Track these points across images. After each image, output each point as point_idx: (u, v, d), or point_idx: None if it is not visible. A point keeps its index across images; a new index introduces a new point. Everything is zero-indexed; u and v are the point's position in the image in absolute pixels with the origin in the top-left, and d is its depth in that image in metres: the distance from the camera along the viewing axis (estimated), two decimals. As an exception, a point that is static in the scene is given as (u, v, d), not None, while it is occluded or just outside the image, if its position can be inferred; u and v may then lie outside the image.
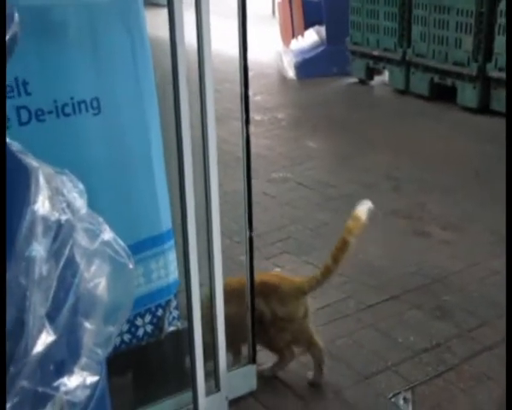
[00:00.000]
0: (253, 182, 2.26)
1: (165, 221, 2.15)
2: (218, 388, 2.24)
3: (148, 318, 2.16)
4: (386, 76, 6.97)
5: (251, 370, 2.37)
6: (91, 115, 1.93)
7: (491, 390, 2.39)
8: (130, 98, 1.99)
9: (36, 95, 1.82)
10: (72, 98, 1.89)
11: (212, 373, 2.25)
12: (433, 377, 2.47)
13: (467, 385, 2.41)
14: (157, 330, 2.21)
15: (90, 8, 1.89)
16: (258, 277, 2.33)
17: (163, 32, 1.97)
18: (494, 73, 5.54)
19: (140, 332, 2.16)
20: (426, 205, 4.05)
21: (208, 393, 2.21)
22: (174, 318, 2.24)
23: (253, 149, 2.24)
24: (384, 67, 6.87)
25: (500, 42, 5.46)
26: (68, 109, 1.89)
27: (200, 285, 2.08)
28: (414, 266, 3.31)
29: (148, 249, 2.08)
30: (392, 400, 2.37)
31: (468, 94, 5.80)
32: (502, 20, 5.43)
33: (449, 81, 6.01)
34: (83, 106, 1.91)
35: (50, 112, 1.86)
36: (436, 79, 6.15)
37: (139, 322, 2.14)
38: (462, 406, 2.34)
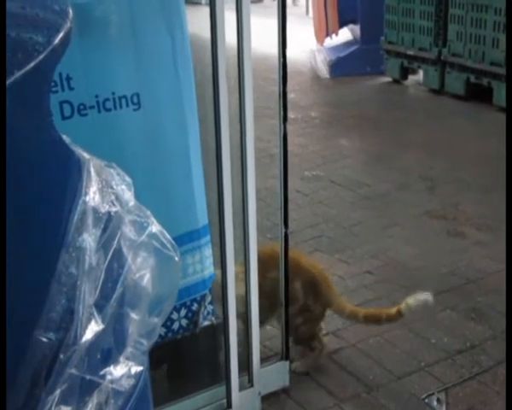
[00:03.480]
0: (287, 179, 2.27)
1: (202, 217, 2.17)
2: (251, 383, 2.26)
3: (183, 312, 2.18)
4: (420, 76, 6.91)
5: (284, 366, 2.38)
6: (132, 111, 1.96)
7: (526, 394, 2.36)
8: (169, 94, 2.01)
9: (78, 90, 1.85)
10: (113, 93, 1.92)
11: (246, 368, 2.26)
12: (467, 378, 2.45)
13: (502, 388, 2.39)
14: (192, 325, 2.23)
15: (132, 4, 1.91)
16: (296, 258, 2.41)
17: (203, 30, 1.99)
18: (531, 74, 5.46)
19: (175, 326, 2.18)
20: (460, 205, 4.02)
21: (241, 388, 2.23)
22: (209, 312, 2.26)
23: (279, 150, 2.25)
24: (419, 67, 6.81)
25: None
26: (109, 104, 1.92)
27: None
28: (448, 267, 3.28)
29: (184, 244, 2.10)
30: (426, 400, 2.36)
31: (505, 94, 5.72)
32: (540, 20, 5.34)
33: (485, 81, 5.94)
34: (123, 101, 1.94)
35: (92, 107, 1.89)
36: (472, 78, 6.08)
37: (174, 316, 2.16)
38: (496, 408, 2.32)
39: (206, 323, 2.26)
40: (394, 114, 6.08)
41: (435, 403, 2.35)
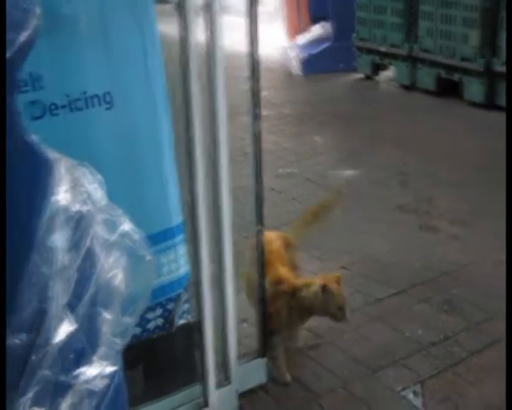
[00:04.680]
0: (260, 177, 2.28)
1: (176, 215, 2.16)
2: (228, 381, 2.26)
3: (158, 311, 2.18)
4: (392, 72, 6.97)
5: (261, 363, 2.38)
6: (104, 110, 1.94)
7: (499, 383, 2.39)
8: (141, 93, 2.00)
9: (49, 89, 1.84)
10: (84, 93, 1.90)
11: (223, 366, 2.26)
12: (442, 370, 2.48)
13: (476, 378, 2.42)
14: (168, 324, 2.22)
15: (102, 3, 1.90)
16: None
17: (172, 28, 1.98)
18: (500, 68, 5.53)
19: (151, 325, 2.17)
20: (433, 200, 4.06)
21: (218, 386, 2.23)
22: (184, 311, 2.25)
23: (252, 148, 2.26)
24: (390, 63, 6.87)
25: (505, 37, 5.45)
26: (81, 104, 1.90)
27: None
28: (422, 261, 3.32)
29: (159, 243, 2.09)
30: (402, 393, 2.38)
31: (475, 89, 5.79)
32: (508, 15, 5.42)
33: (455, 76, 6.01)
34: (95, 100, 1.93)
35: (64, 106, 1.87)
36: (443, 74, 6.14)
37: (150, 315, 2.15)
38: (471, 398, 2.35)
39: (182, 322, 2.26)
40: (367, 110, 6.12)
41: (411, 395, 2.37)
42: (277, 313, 2.38)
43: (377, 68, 7.06)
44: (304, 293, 2.34)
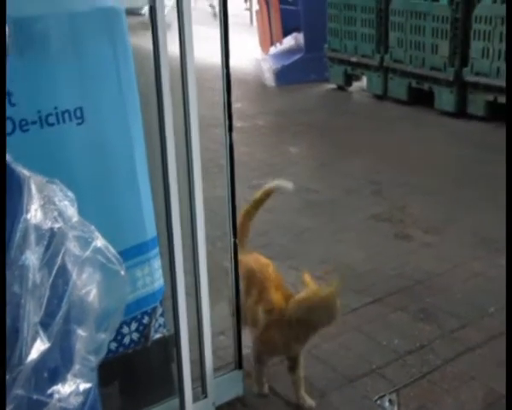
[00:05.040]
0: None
1: (150, 229, 2.15)
2: (205, 394, 2.25)
3: (134, 325, 2.16)
4: (364, 82, 7.04)
5: (238, 375, 2.38)
6: (75, 125, 1.93)
7: (474, 390, 2.42)
8: (113, 107, 1.99)
9: (19, 105, 1.82)
10: (55, 108, 1.89)
11: (199, 379, 2.25)
12: (417, 378, 2.49)
13: (451, 386, 2.44)
14: (143, 338, 2.20)
15: (73, 18, 1.89)
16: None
17: (144, 41, 1.99)
18: (470, 78, 5.63)
19: (126, 340, 2.16)
20: (407, 208, 4.10)
21: (195, 399, 2.22)
22: (160, 325, 2.24)
23: (235, 156, 2.26)
24: (362, 73, 6.94)
25: (476, 47, 5.55)
26: (52, 119, 1.89)
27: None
28: (396, 269, 3.34)
29: (133, 257, 2.08)
30: (378, 402, 2.39)
31: (446, 98, 5.87)
32: (477, 26, 5.51)
33: (426, 86, 6.09)
34: (66, 115, 1.91)
35: (34, 122, 1.86)
36: (414, 83, 6.22)
37: (125, 330, 2.14)
38: (446, 406, 2.36)
39: (158, 336, 2.25)
40: (340, 120, 6.17)
41: (387, 404, 2.38)
42: (271, 340, 2.33)
43: (349, 79, 7.13)
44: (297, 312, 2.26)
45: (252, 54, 8.53)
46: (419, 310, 2.97)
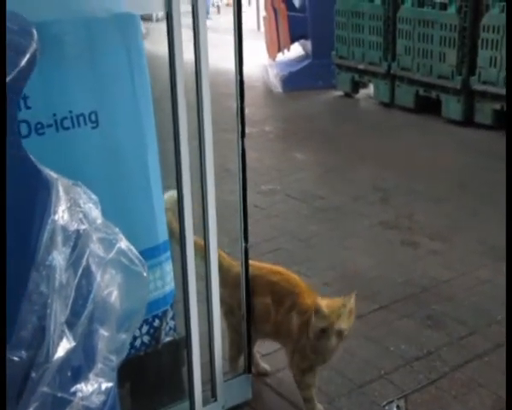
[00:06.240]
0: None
1: (162, 233, 2.17)
2: (214, 397, 2.27)
3: (144, 328, 2.18)
4: (371, 89, 7.06)
5: (246, 379, 2.39)
6: (90, 129, 1.96)
7: (482, 397, 2.43)
8: (127, 112, 2.01)
9: (35, 109, 1.85)
10: (70, 112, 1.91)
11: (209, 383, 2.27)
12: (425, 384, 2.50)
13: (459, 392, 2.45)
14: (154, 341, 2.22)
15: (89, 23, 1.92)
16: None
17: (157, 46, 2.01)
18: (478, 87, 5.64)
19: (137, 343, 2.18)
20: (413, 215, 4.11)
21: (205, 403, 2.23)
22: (171, 328, 2.26)
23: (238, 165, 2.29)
24: (369, 81, 6.96)
25: (483, 56, 5.56)
26: (67, 123, 1.91)
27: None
28: (403, 276, 3.35)
29: (145, 260, 2.10)
30: (386, 408, 2.40)
31: (453, 107, 5.89)
32: (484, 35, 5.53)
33: (433, 94, 6.10)
34: (81, 119, 1.94)
35: (50, 125, 1.88)
36: (421, 91, 6.24)
37: (136, 333, 2.15)
38: (453, 413, 2.37)
39: (168, 339, 2.26)
40: (347, 127, 6.19)
41: (395, 410, 2.39)
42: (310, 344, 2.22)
43: (356, 86, 7.14)
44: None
45: (259, 60, 8.55)
46: (426, 317, 2.98)
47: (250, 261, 2.34)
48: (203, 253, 2.17)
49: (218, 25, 10.62)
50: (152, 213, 2.13)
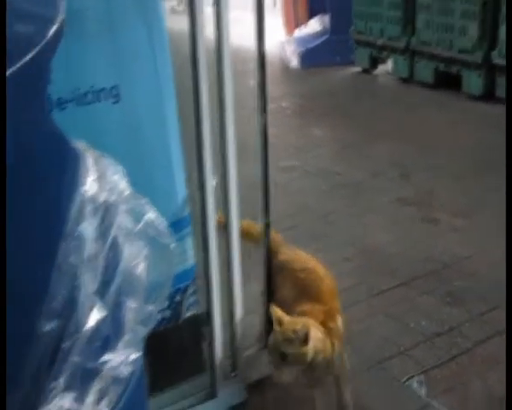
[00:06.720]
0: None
1: (183, 208, 2.17)
2: (235, 372, 2.28)
3: (166, 303, 2.19)
4: (389, 65, 6.98)
5: (266, 354, 2.39)
6: (111, 104, 1.95)
7: (503, 373, 2.41)
8: (148, 86, 2.01)
9: (57, 83, 1.82)
10: (92, 86, 1.91)
11: (229, 358, 2.28)
12: (445, 361, 2.50)
13: (480, 369, 2.45)
14: (175, 316, 2.23)
15: (110, -2, 1.91)
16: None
17: (180, 22, 2.00)
18: (499, 61, 5.55)
19: (158, 318, 2.18)
20: (434, 192, 4.08)
21: (225, 377, 2.25)
22: (192, 303, 2.27)
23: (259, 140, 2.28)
24: (388, 56, 6.88)
25: (504, 30, 5.47)
26: (88, 98, 1.91)
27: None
28: (424, 253, 3.34)
29: (167, 236, 2.11)
30: (406, 383, 2.40)
31: (474, 82, 5.81)
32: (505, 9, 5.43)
33: (454, 69, 6.02)
34: (102, 94, 1.93)
35: (71, 100, 1.88)
36: (441, 67, 6.16)
37: (158, 307, 2.16)
38: (475, 389, 2.37)
39: (189, 314, 2.27)
40: (365, 103, 6.13)
41: (415, 385, 2.39)
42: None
43: (375, 62, 7.07)
44: None
45: (275, 36, 8.48)
46: (446, 293, 2.97)
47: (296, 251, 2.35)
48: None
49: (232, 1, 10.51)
50: (173, 189, 2.13)
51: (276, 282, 2.33)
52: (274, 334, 2.02)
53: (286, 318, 2.02)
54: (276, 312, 2.03)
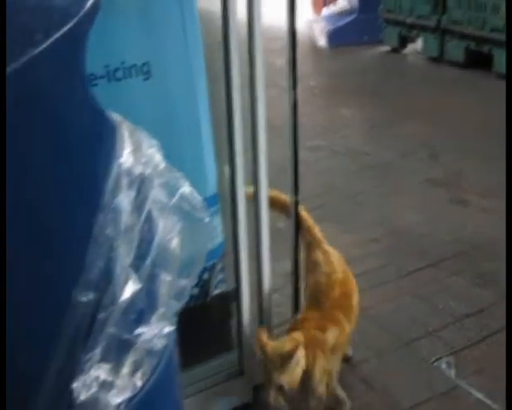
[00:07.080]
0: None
1: (212, 185, 2.17)
2: (263, 349, 2.28)
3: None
4: (419, 44, 6.88)
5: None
6: (141, 80, 1.95)
7: (534, 355, 2.39)
8: (179, 64, 2.00)
9: (88, 60, 1.84)
10: (123, 63, 1.91)
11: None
12: (475, 342, 2.48)
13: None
14: (203, 293, 2.24)
15: (141, -27, 1.90)
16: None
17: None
18: (532, 40, 5.44)
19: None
20: (463, 173, 4.03)
21: (253, 354, 2.25)
22: (220, 281, 2.27)
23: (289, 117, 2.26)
24: (417, 35, 6.78)
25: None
26: (119, 74, 1.91)
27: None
28: (452, 234, 3.30)
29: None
30: (435, 364, 2.39)
31: (505, 61, 5.70)
32: (541, -14, 5.31)
33: (485, 48, 5.92)
34: (133, 70, 1.93)
35: (102, 76, 1.88)
36: (472, 46, 6.06)
37: (186, 284, 2.17)
38: (504, 371, 2.34)
39: (217, 291, 2.28)
40: (394, 83, 6.06)
41: (444, 366, 2.37)
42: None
43: (404, 41, 6.98)
44: None
45: (303, 15, 8.40)
46: (476, 275, 2.94)
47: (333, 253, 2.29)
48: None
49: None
50: (202, 166, 2.13)
51: (307, 280, 2.31)
52: (263, 364, 1.95)
53: (269, 344, 1.96)
54: (261, 338, 1.95)
